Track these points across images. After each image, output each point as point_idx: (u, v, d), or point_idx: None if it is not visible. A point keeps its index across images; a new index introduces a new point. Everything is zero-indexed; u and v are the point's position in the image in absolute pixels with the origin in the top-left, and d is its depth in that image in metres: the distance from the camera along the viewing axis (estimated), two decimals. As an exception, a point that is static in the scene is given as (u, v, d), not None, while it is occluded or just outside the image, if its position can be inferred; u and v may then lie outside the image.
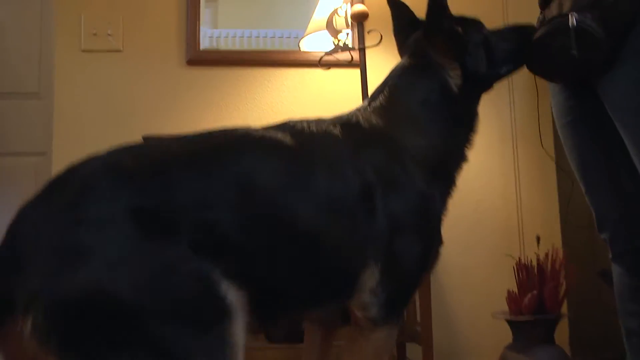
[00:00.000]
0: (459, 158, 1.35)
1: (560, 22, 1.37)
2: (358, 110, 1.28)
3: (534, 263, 2.16)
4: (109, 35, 2.58)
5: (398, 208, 1.14)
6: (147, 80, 2.57)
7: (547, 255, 2.16)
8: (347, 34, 2.30)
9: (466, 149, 1.35)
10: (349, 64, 2.32)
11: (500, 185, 2.64)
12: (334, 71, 2.49)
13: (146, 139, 1.65)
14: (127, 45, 2.59)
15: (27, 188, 2.27)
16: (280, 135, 1.11)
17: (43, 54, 2.97)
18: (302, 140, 1.11)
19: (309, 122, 1.18)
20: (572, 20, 1.34)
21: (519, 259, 2.22)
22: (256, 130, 1.13)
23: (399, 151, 1.20)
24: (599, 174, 1.51)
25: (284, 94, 2.58)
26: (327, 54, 2.29)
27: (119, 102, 2.54)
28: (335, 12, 2.32)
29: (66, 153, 2.44)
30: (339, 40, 2.29)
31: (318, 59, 2.34)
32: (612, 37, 1.33)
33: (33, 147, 2.89)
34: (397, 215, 1.13)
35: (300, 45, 2.47)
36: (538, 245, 2.21)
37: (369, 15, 2.27)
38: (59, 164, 2.43)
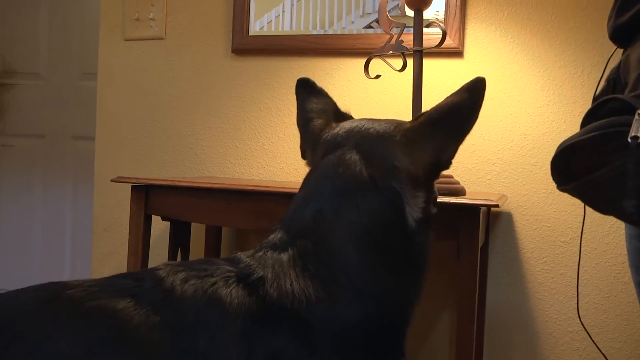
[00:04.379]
0: (408, 315, 0.86)
1: (612, 125, 0.68)
2: (269, 249, 0.84)
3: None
4: (151, 19, 2.20)
5: None
6: (189, 71, 2.18)
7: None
8: (404, 25, 1.62)
9: (417, 298, 0.87)
10: (444, 51, 1.66)
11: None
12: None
13: None
14: (170, 32, 2.20)
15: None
16: (127, 306, 0.74)
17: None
18: (161, 315, 0.74)
19: (189, 270, 0.79)
20: (636, 128, 0.64)
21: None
22: (94, 292, 0.76)
23: (316, 333, 0.77)
24: None
25: (348, 90, 2.00)
26: (374, 54, 1.64)
27: (161, 92, 2.21)
28: (392, -9, 1.65)
29: (108, 143, 2.28)
30: (391, 36, 1.63)
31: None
32: None
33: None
34: None
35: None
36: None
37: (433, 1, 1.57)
38: (101, 154, 2.29)
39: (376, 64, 1.68)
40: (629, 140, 0.65)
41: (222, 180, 1.66)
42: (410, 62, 1.60)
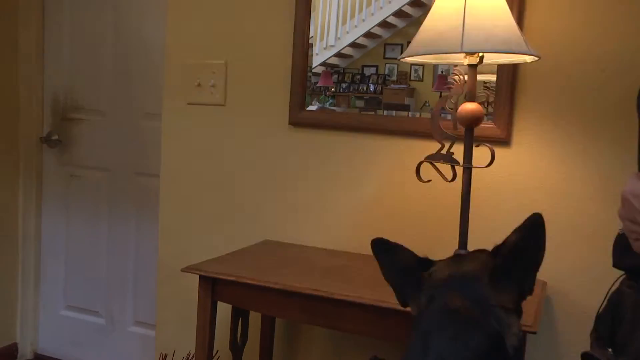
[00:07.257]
0: None
1: None
2: None
3: None
4: (212, 86, 2.33)
5: None
6: (248, 137, 2.32)
7: None
8: (454, 138, 1.71)
9: None
10: (491, 139, 1.75)
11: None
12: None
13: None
14: (229, 99, 2.33)
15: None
16: None
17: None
18: None
19: None
20: None
21: None
22: None
23: None
24: None
25: (400, 169, 2.10)
26: (426, 159, 1.74)
27: (222, 155, 2.37)
28: (445, 100, 1.74)
29: (173, 200, 2.47)
30: (443, 146, 1.72)
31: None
32: None
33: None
34: None
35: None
36: None
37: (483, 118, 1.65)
38: (165, 209, 2.48)
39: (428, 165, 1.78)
40: None
41: (277, 279, 1.77)
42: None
